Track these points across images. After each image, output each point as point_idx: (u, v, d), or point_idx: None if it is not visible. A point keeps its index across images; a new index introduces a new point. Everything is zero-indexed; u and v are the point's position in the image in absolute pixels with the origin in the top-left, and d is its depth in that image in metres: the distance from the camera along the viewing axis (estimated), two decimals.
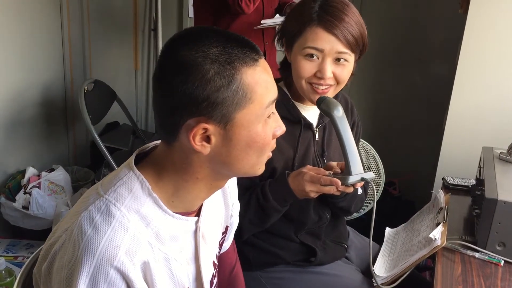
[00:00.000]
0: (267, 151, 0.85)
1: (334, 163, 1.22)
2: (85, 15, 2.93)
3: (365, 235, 1.60)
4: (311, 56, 1.19)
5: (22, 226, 2.34)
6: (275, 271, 1.36)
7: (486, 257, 1.27)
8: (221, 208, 1.02)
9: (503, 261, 1.26)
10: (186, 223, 0.87)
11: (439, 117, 2.22)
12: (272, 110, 0.83)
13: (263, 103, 0.79)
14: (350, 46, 1.19)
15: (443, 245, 1.25)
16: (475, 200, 1.43)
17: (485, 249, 1.28)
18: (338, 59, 1.20)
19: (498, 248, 1.27)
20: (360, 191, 1.36)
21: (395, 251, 1.45)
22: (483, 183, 1.35)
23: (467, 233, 1.39)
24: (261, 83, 0.79)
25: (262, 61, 0.81)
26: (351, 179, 1.14)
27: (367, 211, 1.96)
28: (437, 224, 1.36)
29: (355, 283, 1.37)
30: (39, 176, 2.44)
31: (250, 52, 0.78)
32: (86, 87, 2.32)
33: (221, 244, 1.05)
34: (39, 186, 2.37)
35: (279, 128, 0.86)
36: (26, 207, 2.29)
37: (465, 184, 1.67)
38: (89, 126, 2.23)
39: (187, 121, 0.76)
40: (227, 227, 1.06)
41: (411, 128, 2.98)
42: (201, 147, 0.78)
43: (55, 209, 2.35)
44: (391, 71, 2.99)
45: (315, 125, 1.33)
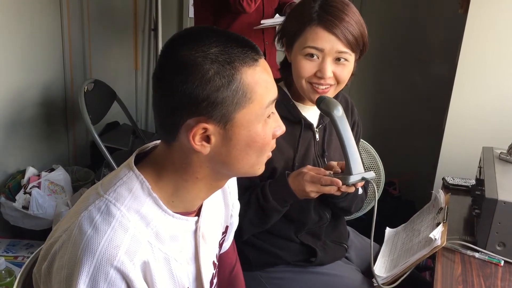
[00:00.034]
0: (267, 151, 0.85)
1: (334, 163, 1.22)
2: (85, 15, 2.93)
3: (365, 235, 1.60)
4: (311, 55, 1.19)
5: (22, 226, 2.34)
6: (275, 271, 1.36)
7: (486, 257, 1.27)
8: (221, 208, 1.02)
9: (503, 261, 1.26)
10: (186, 223, 0.87)
11: (439, 117, 2.22)
12: (272, 110, 0.83)
13: (263, 103, 0.79)
14: (350, 45, 1.18)
15: (443, 245, 1.25)
16: (475, 200, 1.43)
17: (485, 249, 1.28)
18: (338, 59, 1.19)
19: (498, 248, 1.27)
20: (360, 191, 1.36)
21: (395, 251, 1.45)
22: (483, 183, 1.35)
23: (467, 233, 1.39)
24: (261, 83, 0.79)
25: (262, 61, 0.80)
26: (352, 179, 1.13)
27: (367, 211, 1.96)
28: (437, 224, 1.36)
29: (355, 283, 1.37)
30: (39, 176, 2.44)
31: (250, 52, 0.78)
32: (86, 87, 2.32)
33: (221, 244, 1.05)
34: (39, 186, 2.37)
35: (279, 128, 0.86)
36: (26, 207, 2.29)
37: (465, 184, 1.67)
38: (89, 126, 2.23)
39: (186, 121, 0.76)
40: (227, 227, 1.06)
41: (411, 128, 2.98)
42: (201, 147, 0.78)
43: (55, 209, 2.35)
44: (391, 71, 2.99)
45: (315, 125, 1.33)
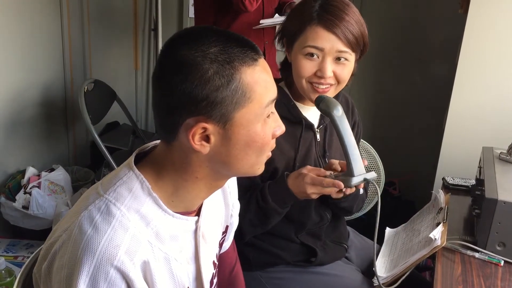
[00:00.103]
0: (266, 151, 0.85)
1: (335, 161, 1.22)
2: (85, 15, 2.94)
3: (365, 235, 1.59)
4: (311, 55, 1.19)
5: (22, 226, 2.34)
6: (275, 271, 1.36)
7: (486, 257, 1.27)
8: (221, 207, 1.02)
9: (503, 261, 1.26)
10: (186, 222, 0.87)
11: (439, 117, 2.22)
12: (272, 109, 0.83)
13: (263, 102, 0.79)
14: (350, 45, 1.18)
15: (443, 245, 1.25)
16: (475, 200, 1.43)
17: (485, 249, 1.28)
18: (339, 58, 1.19)
19: (498, 248, 1.27)
20: (361, 191, 1.36)
21: (395, 251, 1.45)
22: (483, 183, 1.34)
23: (467, 233, 1.38)
24: (261, 82, 0.79)
25: (261, 60, 0.80)
26: (354, 180, 1.12)
27: (367, 211, 1.96)
28: (437, 224, 1.36)
29: (355, 283, 1.37)
30: (39, 176, 2.44)
31: (249, 51, 0.78)
32: (86, 87, 2.32)
33: (221, 244, 1.05)
34: (39, 186, 2.37)
35: (279, 128, 0.86)
36: (26, 207, 2.29)
37: (465, 184, 1.67)
38: (89, 126, 2.23)
39: (186, 120, 0.76)
40: (227, 227, 1.06)
41: (411, 128, 2.98)
42: (201, 146, 0.78)
43: (55, 209, 2.35)
44: (391, 71, 2.99)
45: (316, 125, 1.32)
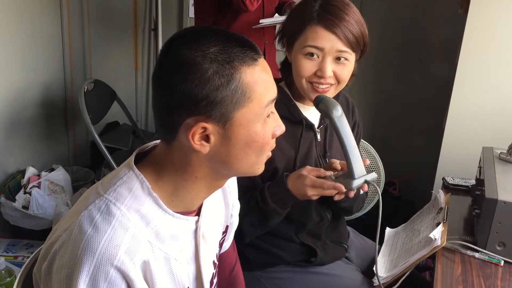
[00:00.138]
0: (266, 150, 0.85)
1: (336, 161, 1.22)
2: (85, 15, 2.94)
3: (365, 235, 1.59)
4: (311, 55, 1.19)
5: (22, 226, 2.34)
6: (275, 271, 1.36)
7: (486, 257, 1.27)
8: (221, 207, 1.02)
9: (503, 261, 1.26)
10: (186, 222, 0.87)
11: (439, 117, 2.22)
12: (272, 109, 0.83)
13: (262, 102, 0.79)
14: (350, 45, 1.18)
15: (443, 245, 1.25)
16: (475, 200, 1.43)
17: (485, 249, 1.28)
18: (339, 58, 1.19)
19: (498, 248, 1.27)
20: (361, 191, 1.36)
21: (395, 251, 1.45)
22: (483, 183, 1.34)
23: (467, 233, 1.38)
24: (260, 82, 0.79)
25: (261, 60, 0.80)
26: (355, 183, 1.11)
27: (367, 211, 1.96)
28: (437, 224, 1.36)
29: (355, 283, 1.37)
30: (39, 176, 2.44)
31: (249, 51, 0.78)
32: (86, 87, 2.32)
33: (221, 244, 1.05)
34: (39, 186, 2.37)
35: (279, 127, 0.86)
36: (26, 207, 2.29)
37: (465, 184, 1.66)
38: (89, 126, 2.23)
39: (186, 120, 0.76)
40: (227, 227, 1.06)
41: (411, 128, 2.98)
42: (200, 146, 0.78)
43: (55, 209, 2.35)
44: (391, 71, 2.99)
45: (316, 125, 1.32)
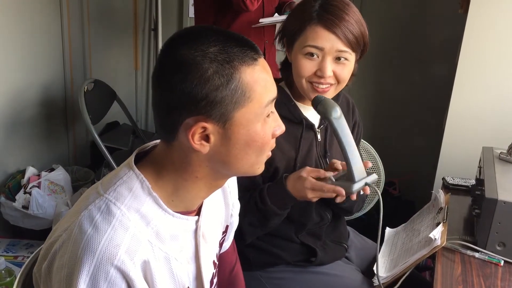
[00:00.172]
0: (266, 150, 0.85)
1: (337, 161, 1.22)
2: (85, 15, 2.94)
3: (365, 235, 1.59)
4: (311, 54, 1.19)
5: (22, 226, 2.34)
6: (275, 271, 1.36)
7: (486, 257, 1.27)
8: (221, 207, 1.02)
9: (503, 261, 1.26)
10: (186, 222, 0.87)
11: (439, 117, 2.22)
12: (272, 109, 0.83)
13: (262, 102, 0.79)
14: (350, 44, 1.18)
15: (443, 245, 1.25)
16: (475, 200, 1.43)
17: (485, 249, 1.28)
18: (339, 58, 1.19)
19: (498, 248, 1.27)
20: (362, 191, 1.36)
21: (395, 251, 1.45)
22: (483, 183, 1.34)
23: (467, 233, 1.38)
24: (260, 82, 0.79)
25: (261, 60, 0.80)
26: (355, 187, 1.10)
27: (367, 211, 1.96)
28: (437, 224, 1.36)
29: (355, 283, 1.37)
30: (39, 175, 2.44)
31: (249, 51, 0.78)
32: (86, 87, 2.32)
33: (221, 244, 1.05)
34: (39, 186, 2.37)
35: (279, 127, 0.86)
36: (26, 207, 2.29)
37: (465, 184, 1.66)
38: (89, 126, 2.23)
39: (186, 120, 0.76)
40: (227, 227, 1.06)
41: (411, 128, 2.98)
42: (200, 146, 0.78)
43: (55, 209, 2.35)
44: (391, 71, 2.99)
45: (317, 125, 1.32)
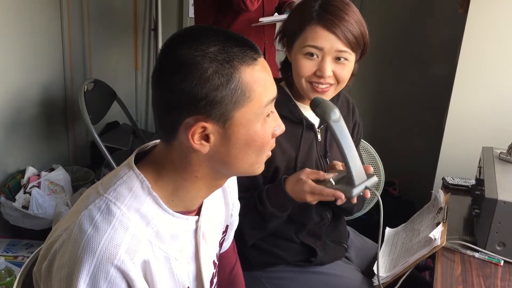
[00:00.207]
0: (266, 150, 0.85)
1: (338, 163, 1.22)
2: (85, 15, 2.94)
3: (365, 235, 1.60)
4: (311, 54, 1.19)
5: (22, 226, 2.34)
6: (275, 271, 1.36)
7: (486, 257, 1.27)
8: (221, 207, 1.02)
9: (503, 261, 1.26)
10: (186, 222, 0.87)
11: (439, 117, 2.22)
12: (271, 109, 0.83)
13: (262, 101, 0.79)
14: (350, 44, 1.18)
15: (443, 245, 1.25)
16: (475, 200, 1.43)
17: (485, 249, 1.28)
18: (338, 58, 1.19)
19: (498, 248, 1.27)
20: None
21: (395, 251, 1.45)
22: (483, 183, 1.34)
23: (467, 233, 1.38)
24: (260, 81, 0.79)
25: (261, 60, 0.80)
26: (355, 191, 1.09)
27: (367, 211, 1.96)
28: (437, 224, 1.36)
29: (355, 283, 1.37)
30: (39, 175, 2.44)
31: (249, 51, 0.78)
32: (86, 87, 2.32)
33: (221, 244, 1.05)
34: (39, 186, 2.37)
35: (278, 127, 0.86)
36: (26, 207, 2.29)
37: (465, 184, 1.66)
38: (89, 126, 2.23)
39: (185, 119, 0.76)
40: (227, 226, 1.06)
41: (411, 128, 2.98)
42: (200, 145, 0.78)
43: (55, 209, 2.35)
44: (391, 71, 2.99)
45: (317, 125, 1.32)
